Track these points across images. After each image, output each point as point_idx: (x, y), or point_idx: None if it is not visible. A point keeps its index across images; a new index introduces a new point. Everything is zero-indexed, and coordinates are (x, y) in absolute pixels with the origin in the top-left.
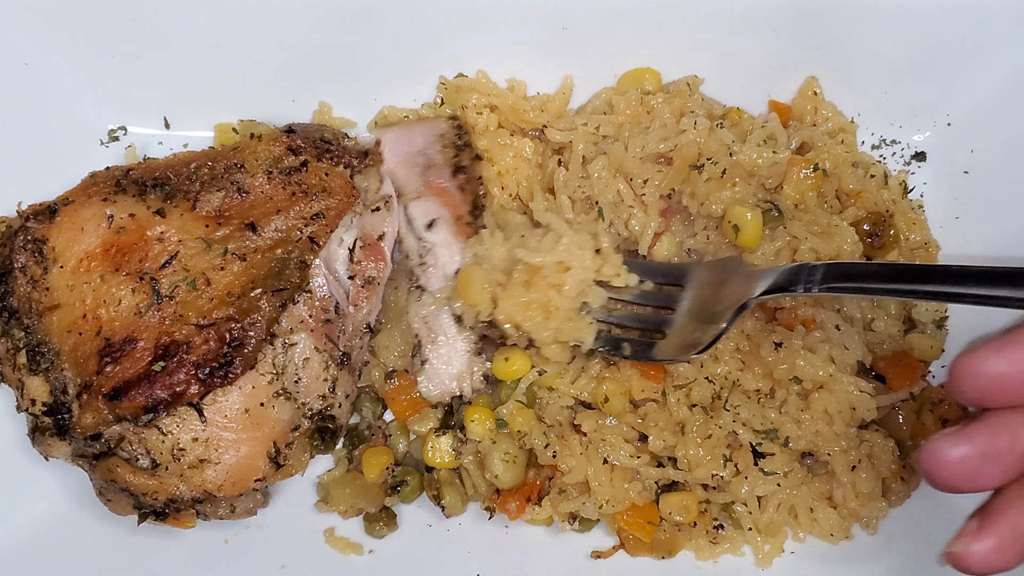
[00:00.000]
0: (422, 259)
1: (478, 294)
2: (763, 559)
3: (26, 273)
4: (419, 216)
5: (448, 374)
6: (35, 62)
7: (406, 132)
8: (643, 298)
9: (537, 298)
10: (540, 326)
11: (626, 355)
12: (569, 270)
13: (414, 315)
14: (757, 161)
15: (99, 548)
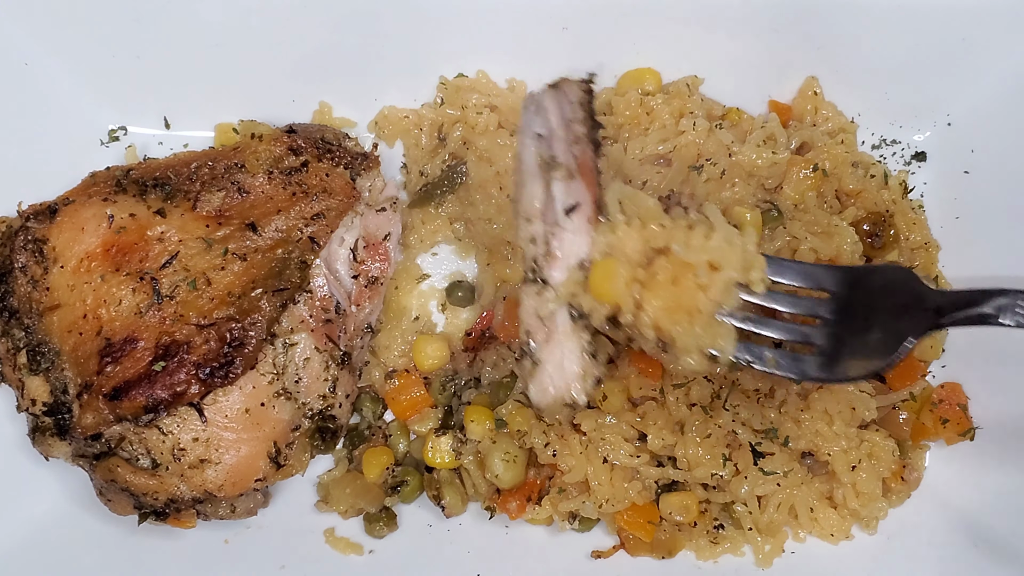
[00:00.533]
0: (548, 247)
1: (621, 292)
2: (763, 559)
3: (26, 273)
4: (562, 197)
5: (563, 378)
6: (35, 62)
7: (558, 96)
8: (781, 303)
9: (684, 299)
10: (687, 332)
11: (769, 368)
12: (719, 270)
13: (529, 311)
14: (756, 162)
15: (99, 548)
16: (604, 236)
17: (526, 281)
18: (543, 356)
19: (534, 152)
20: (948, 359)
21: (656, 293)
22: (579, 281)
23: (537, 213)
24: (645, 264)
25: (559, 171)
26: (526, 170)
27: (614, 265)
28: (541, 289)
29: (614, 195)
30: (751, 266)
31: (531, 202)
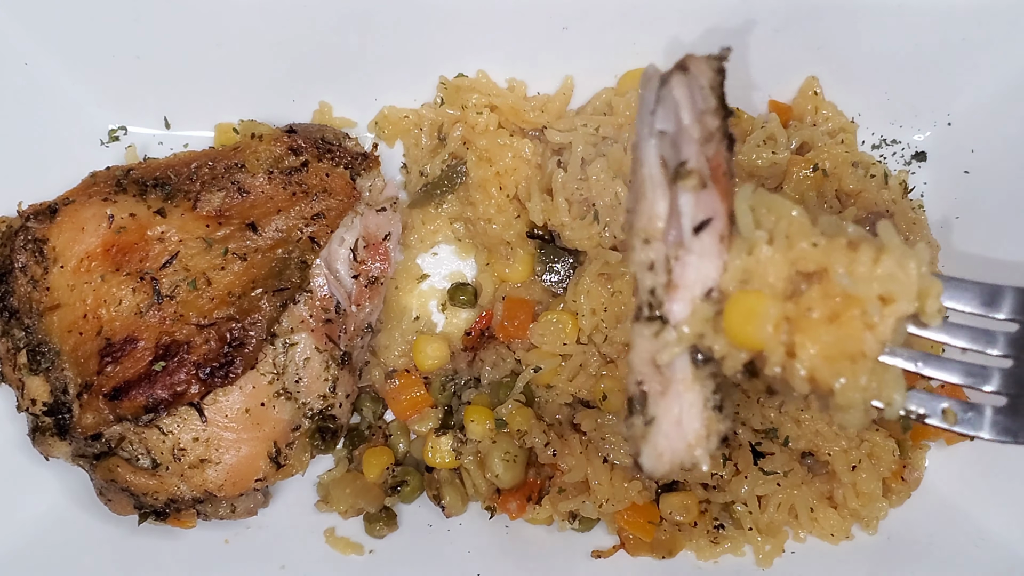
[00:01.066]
0: (669, 275)
1: (769, 335)
2: (763, 559)
3: (26, 273)
4: (691, 212)
5: (682, 438)
6: (35, 62)
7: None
8: (958, 336)
9: (848, 343)
10: (852, 383)
11: (948, 425)
12: (893, 303)
13: (642, 355)
14: (756, 161)
15: (100, 548)
16: (740, 259)
17: (639, 318)
18: (658, 412)
19: (657, 154)
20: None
21: (812, 335)
22: (707, 318)
23: (659, 232)
24: (792, 295)
25: (690, 179)
26: (646, 177)
27: (759, 301)
28: (660, 329)
29: (746, 203)
30: (926, 293)
31: (652, 219)
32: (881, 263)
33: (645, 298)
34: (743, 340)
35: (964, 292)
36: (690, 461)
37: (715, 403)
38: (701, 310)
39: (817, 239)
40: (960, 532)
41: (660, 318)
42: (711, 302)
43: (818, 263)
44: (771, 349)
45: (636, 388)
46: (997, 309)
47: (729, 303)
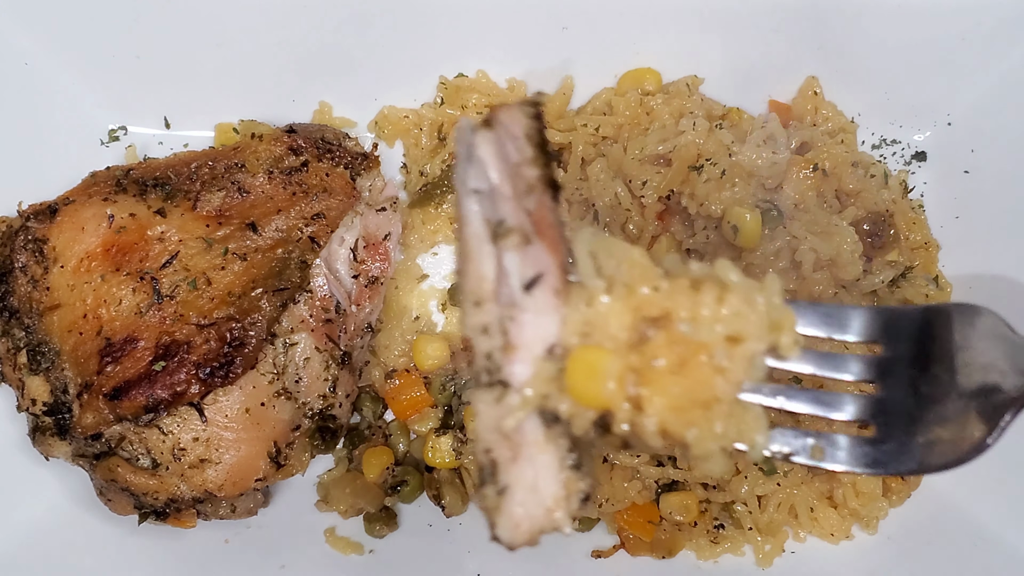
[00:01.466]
0: (506, 337)
1: (612, 393)
2: (763, 559)
3: (27, 273)
4: (518, 270)
5: (540, 503)
6: (35, 62)
7: (496, 136)
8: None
9: (698, 390)
10: (706, 433)
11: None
12: (742, 343)
13: (486, 424)
14: (756, 162)
15: (100, 548)
16: (578, 310)
17: (479, 385)
18: (510, 479)
19: (479, 212)
20: None
21: (659, 387)
22: (551, 377)
23: (489, 294)
24: (637, 343)
25: (510, 238)
26: (471, 237)
27: (598, 357)
28: (501, 394)
29: (585, 248)
30: (779, 325)
31: (480, 280)
32: (726, 302)
33: (482, 364)
34: (586, 399)
35: (821, 318)
36: (550, 526)
37: (572, 462)
38: (543, 370)
39: (658, 282)
40: (960, 532)
41: (501, 382)
42: (554, 359)
43: (661, 308)
44: (616, 406)
45: (485, 457)
46: (845, 331)
47: (569, 362)
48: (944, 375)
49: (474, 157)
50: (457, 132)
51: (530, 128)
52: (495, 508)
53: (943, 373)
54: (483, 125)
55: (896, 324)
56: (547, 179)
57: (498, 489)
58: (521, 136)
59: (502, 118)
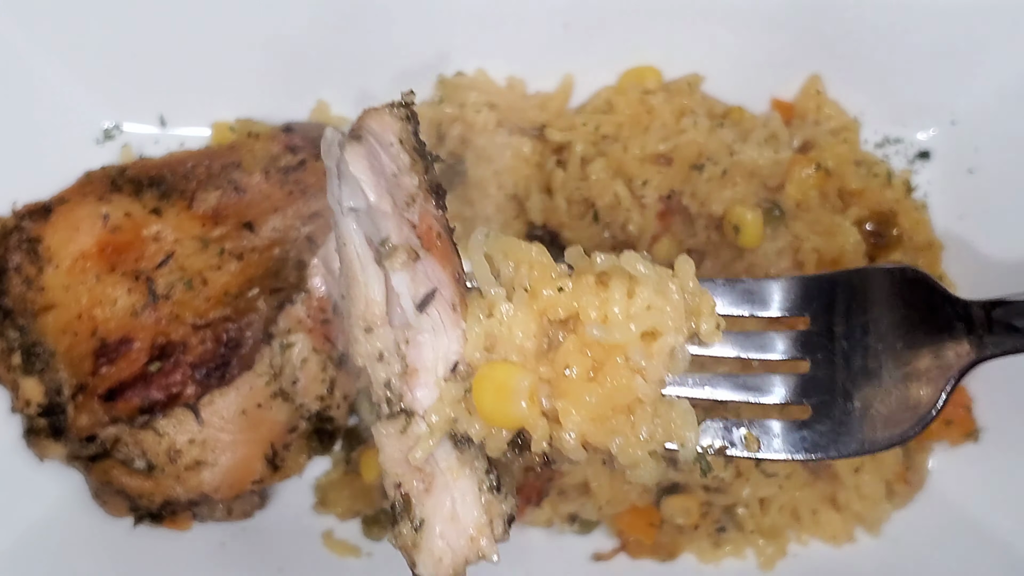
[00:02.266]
0: (404, 361)
1: (524, 412)
2: (765, 562)
3: (21, 273)
4: (408, 290)
5: (462, 533)
6: (30, 60)
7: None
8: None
9: (616, 396)
10: (630, 441)
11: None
12: (659, 338)
13: (392, 458)
14: (758, 161)
15: (95, 550)
16: (478, 325)
17: (380, 418)
18: (426, 512)
19: (359, 231)
20: None
21: (574, 399)
22: (458, 399)
23: (380, 318)
24: (546, 350)
25: (397, 257)
26: (353, 258)
27: (506, 375)
28: (406, 424)
29: (481, 252)
30: (697, 311)
31: (369, 304)
32: (637, 296)
33: (382, 393)
34: (498, 420)
35: (730, 295)
36: (475, 555)
37: (491, 484)
38: (449, 392)
39: (562, 282)
40: (964, 534)
41: (404, 411)
42: (459, 379)
43: (569, 309)
44: (531, 425)
45: (396, 492)
46: (768, 306)
47: (475, 382)
48: (877, 344)
49: (345, 175)
50: (324, 146)
51: (402, 132)
52: (413, 546)
53: (876, 342)
54: (351, 138)
55: (820, 294)
56: (428, 186)
57: (414, 525)
58: (395, 142)
59: (371, 126)
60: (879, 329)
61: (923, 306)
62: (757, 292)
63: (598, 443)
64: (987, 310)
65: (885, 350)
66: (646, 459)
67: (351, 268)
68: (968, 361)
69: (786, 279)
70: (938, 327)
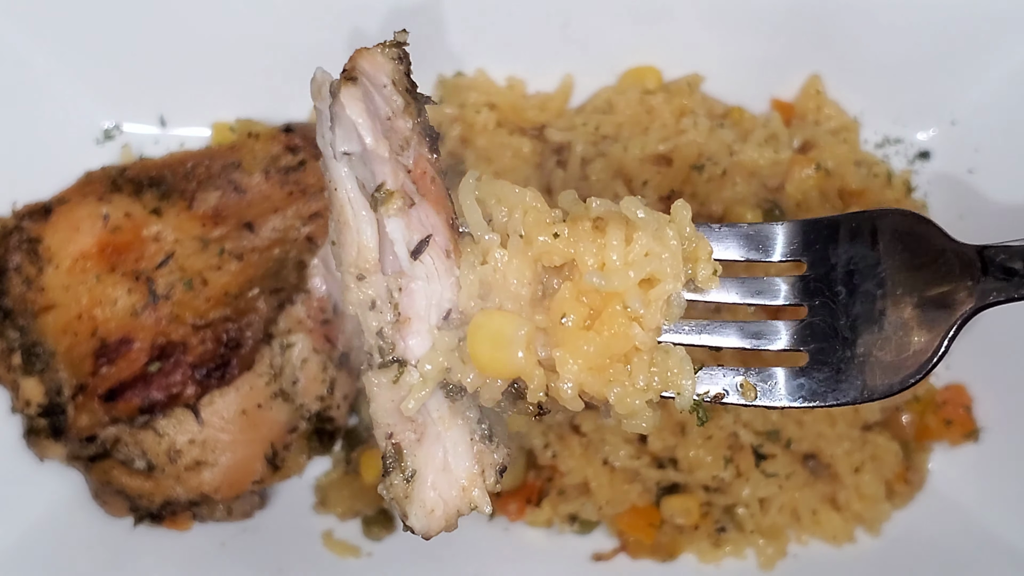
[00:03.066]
0: (396, 309)
1: (521, 362)
2: (765, 562)
3: (21, 273)
4: (403, 236)
5: (453, 484)
6: (30, 60)
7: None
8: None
9: (614, 344)
10: (629, 389)
11: (748, 401)
12: (656, 285)
13: (384, 408)
14: (758, 161)
15: (95, 550)
16: (473, 272)
17: (370, 367)
18: (418, 463)
19: (351, 175)
20: (951, 360)
21: (572, 347)
22: (452, 347)
23: (372, 265)
24: (541, 298)
25: (392, 202)
26: (345, 203)
27: (502, 323)
28: (398, 373)
29: (472, 196)
30: (694, 256)
31: (361, 250)
32: (635, 242)
33: (373, 342)
34: (493, 369)
35: (736, 240)
36: (467, 506)
37: (483, 433)
38: (442, 340)
39: (558, 228)
40: (964, 534)
41: (396, 361)
42: (452, 327)
43: (565, 256)
44: (528, 375)
45: (387, 443)
46: (767, 251)
47: (470, 331)
48: (877, 290)
49: (341, 117)
50: (314, 88)
51: (395, 73)
52: (405, 497)
53: (876, 288)
54: (346, 79)
55: (818, 238)
56: (421, 129)
57: (405, 476)
58: (388, 84)
59: (365, 68)
60: (879, 274)
61: (925, 251)
62: (754, 236)
63: (595, 393)
64: (990, 255)
65: (885, 296)
66: (643, 408)
67: (343, 214)
68: (970, 307)
69: (784, 223)
70: (940, 273)
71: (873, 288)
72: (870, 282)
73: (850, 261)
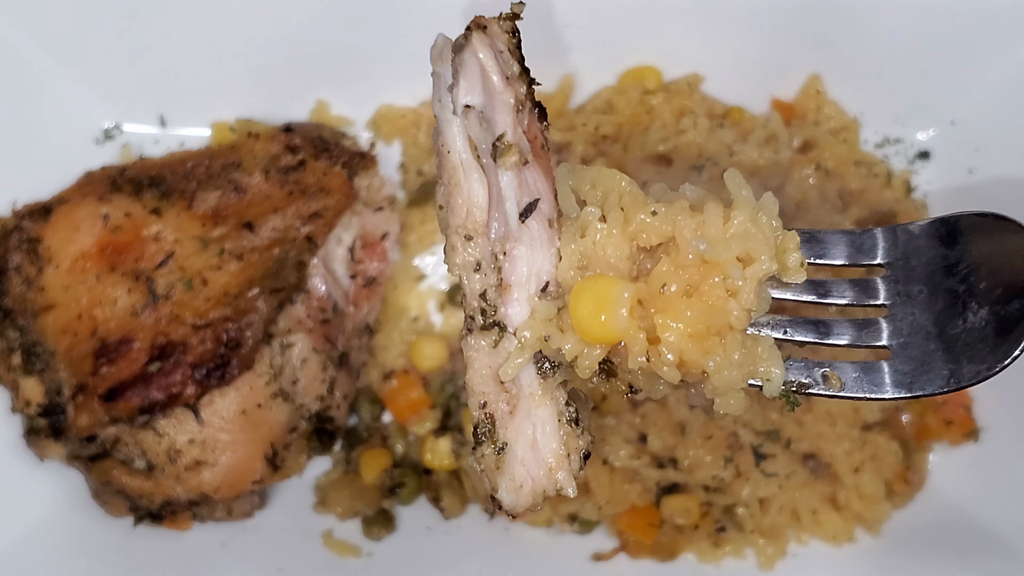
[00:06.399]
0: (499, 275)
1: (623, 321)
2: (765, 562)
3: (21, 273)
4: (514, 194)
5: (541, 463)
6: (30, 59)
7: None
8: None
9: (712, 315)
10: (725, 361)
11: (834, 392)
12: (752, 264)
13: (480, 374)
14: (758, 161)
15: (94, 550)
16: (574, 243)
17: (471, 331)
18: (509, 436)
19: (465, 136)
20: None
21: (674, 314)
22: (550, 316)
23: (480, 226)
24: (637, 275)
25: (511, 154)
26: (458, 165)
27: (609, 285)
28: (498, 337)
29: (566, 183)
30: (783, 247)
31: (471, 210)
32: (732, 221)
33: (476, 304)
34: (597, 334)
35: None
36: (553, 488)
37: (570, 416)
38: (542, 309)
39: (656, 207)
40: (964, 534)
41: (497, 325)
42: (550, 298)
43: (661, 234)
44: (631, 338)
45: (480, 412)
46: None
47: (574, 294)
48: (960, 286)
49: (469, 64)
50: (435, 52)
51: (511, 43)
52: (495, 468)
53: (958, 284)
54: (477, 27)
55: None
56: (534, 98)
57: (497, 447)
58: (504, 50)
59: (486, 25)
60: (960, 271)
61: (1006, 246)
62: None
63: (694, 363)
64: None
65: (969, 291)
66: (739, 383)
67: (455, 175)
68: None
69: (861, 231)
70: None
71: (956, 284)
72: (952, 279)
73: (930, 261)
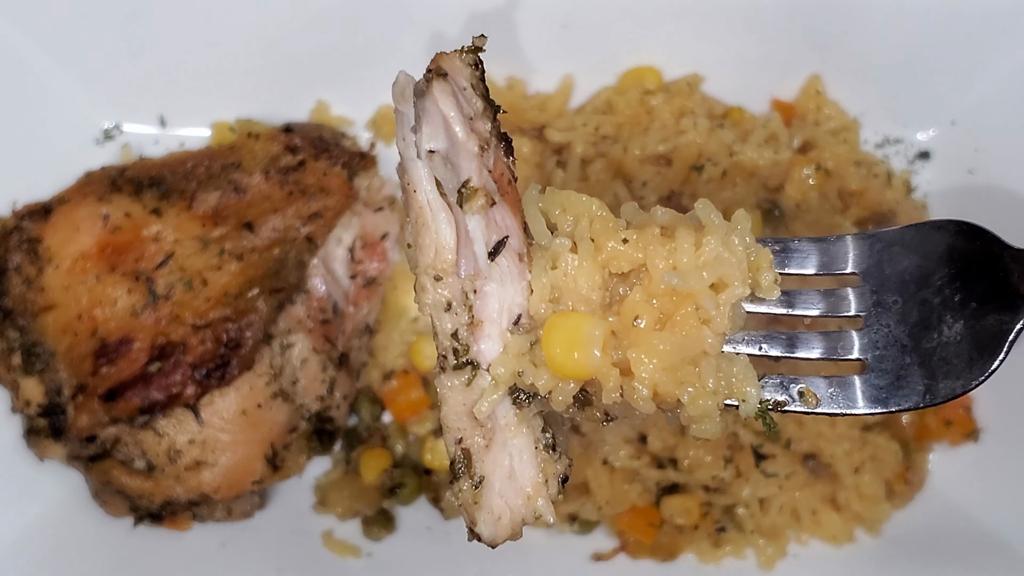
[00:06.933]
0: (471, 312)
1: (595, 360)
2: (765, 562)
3: (21, 273)
4: (481, 235)
5: (519, 492)
6: (30, 60)
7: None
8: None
9: (685, 345)
10: (700, 391)
11: (810, 408)
12: (725, 289)
13: (455, 411)
14: (758, 161)
15: (95, 550)
16: (544, 276)
17: (444, 369)
18: (486, 469)
19: (431, 177)
20: None
21: (646, 348)
22: (523, 351)
23: (450, 266)
24: (611, 302)
25: (477, 199)
26: (424, 205)
27: (580, 322)
28: (472, 375)
29: (535, 207)
30: (756, 265)
31: (440, 251)
32: (704, 246)
33: (448, 344)
34: (570, 371)
35: (796, 252)
36: (532, 515)
37: (547, 442)
38: (514, 344)
39: (627, 234)
40: (964, 535)
41: (470, 363)
42: (523, 332)
43: (633, 261)
44: (604, 375)
45: (456, 448)
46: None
47: (546, 331)
48: (934, 298)
49: (429, 113)
50: (396, 90)
51: (474, 77)
52: (473, 503)
53: (932, 296)
54: (437, 75)
55: (871, 252)
56: (497, 132)
57: (474, 482)
58: (467, 87)
59: (449, 69)
60: (935, 283)
61: (981, 257)
62: (804, 252)
63: (668, 394)
64: None
65: (944, 303)
66: (714, 410)
67: (422, 215)
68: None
69: (834, 239)
70: (997, 277)
71: (931, 296)
72: (927, 290)
73: (904, 271)
